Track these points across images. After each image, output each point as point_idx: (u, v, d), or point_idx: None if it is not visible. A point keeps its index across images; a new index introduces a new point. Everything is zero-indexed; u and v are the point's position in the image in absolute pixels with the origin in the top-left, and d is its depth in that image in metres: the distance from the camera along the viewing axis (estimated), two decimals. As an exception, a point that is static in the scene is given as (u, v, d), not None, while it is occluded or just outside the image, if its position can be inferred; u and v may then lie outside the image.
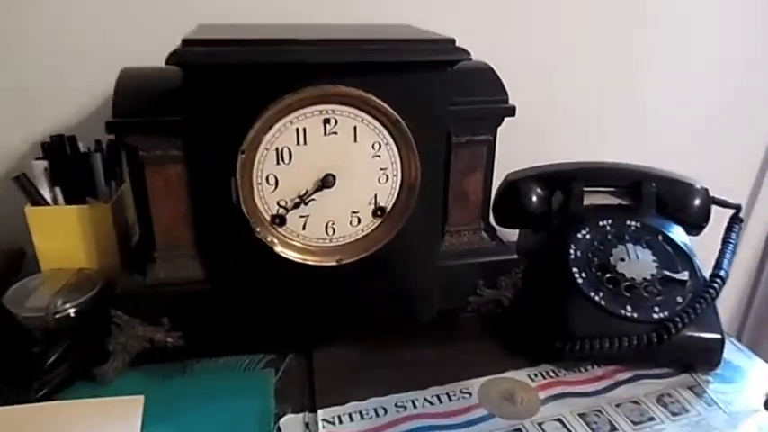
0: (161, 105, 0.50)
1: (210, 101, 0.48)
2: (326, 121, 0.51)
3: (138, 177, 0.52)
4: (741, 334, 1.19)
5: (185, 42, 0.46)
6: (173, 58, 0.45)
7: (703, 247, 0.63)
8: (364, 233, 0.56)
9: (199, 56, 0.46)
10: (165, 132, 0.50)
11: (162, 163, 0.51)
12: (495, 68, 0.59)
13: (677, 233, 0.62)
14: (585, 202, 0.65)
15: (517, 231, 0.75)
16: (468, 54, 0.50)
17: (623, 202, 0.66)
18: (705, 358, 0.55)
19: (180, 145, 0.51)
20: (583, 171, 0.66)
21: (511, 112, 0.56)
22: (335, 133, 0.51)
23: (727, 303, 1.15)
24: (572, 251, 0.60)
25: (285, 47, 0.48)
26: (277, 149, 0.50)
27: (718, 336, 0.55)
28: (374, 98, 0.50)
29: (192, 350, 0.56)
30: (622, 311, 0.55)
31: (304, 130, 0.50)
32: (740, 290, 1.16)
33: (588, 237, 0.61)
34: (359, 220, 0.55)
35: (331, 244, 0.55)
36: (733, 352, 0.59)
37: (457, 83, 0.54)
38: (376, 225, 0.56)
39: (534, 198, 0.66)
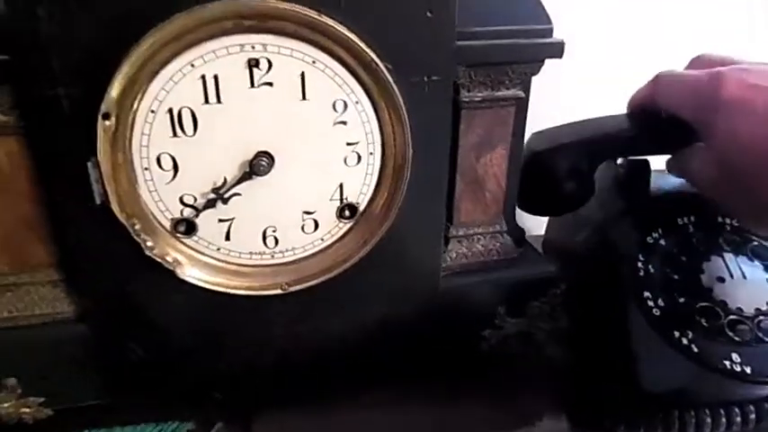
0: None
1: (48, 27, 0.27)
2: (253, 64, 0.30)
3: (-58, 159, 0.31)
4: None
5: None
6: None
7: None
8: (325, 244, 0.36)
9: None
10: (-21, 83, 0.29)
11: (-19, 135, 0.31)
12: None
13: (791, 235, 0.42)
14: (653, 188, 0.45)
15: (542, 226, 0.56)
16: (493, -55, 0.30)
17: (706, 189, 0.46)
18: None
19: (8, 104, 0.30)
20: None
21: (557, 50, 0.35)
22: (270, 84, 0.31)
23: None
24: (641, 264, 0.40)
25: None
26: (171, 112, 0.30)
27: None
28: (333, 23, 0.29)
29: (63, 424, 0.37)
30: (726, 363, 0.35)
31: (215, 78, 0.30)
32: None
33: (663, 242, 0.41)
34: (316, 225, 0.35)
35: (273, 262, 0.36)
36: None
37: (471, 3, 0.33)
38: (343, 232, 0.36)
39: (573, 176, 0.42)
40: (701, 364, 0.36)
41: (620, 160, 0.47)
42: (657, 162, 0.44)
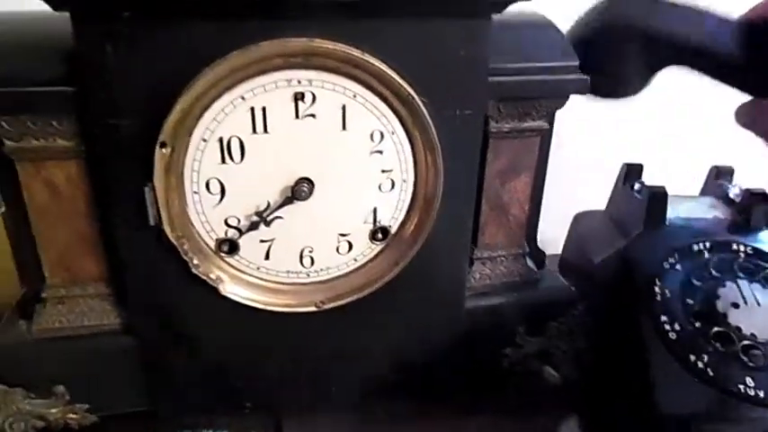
0: (39, 69, 0.31)
1: (115, 62, 0.30)
2: (299, 97, 0.32)
3: (7, 181, 0.33)
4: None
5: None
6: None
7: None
8: (358, 264, 0.38)
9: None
10: (45, 111, 0.32)
11: (44, 159, 0.33)
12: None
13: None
14: (669, 214, 0.47)
15: (558, 246, 0.57)
16: (526, -9, 0.32)
17: (720, 215, 0.47)
18: None
19: (71, 132, 0.32)
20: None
21: (582, 86, 0.37)
22: (313, 116, 0.33)
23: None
24: (657, 289, 0.41)
25: (229, -27, 0.29)
26: (221, 141, 0.32)
27: None
28: (374, 61, 0.32)
29: (107, 429, 0.39)
30: (741, 387, 0.37)
31: (263, 110, 0.32)
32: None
33: (679, 267, 0.42)
34: (350, 246, 0.37)
35: (308, 280, 0.38)
36: None
37: (502, 43, 0.35)
38: (375, 253, 0.38)
39: (635, 68, 0.34)
40: (715, 387, 0.37)
41: (637, 185, 0.49)
42: (674, 188, 0.46)
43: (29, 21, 0.33)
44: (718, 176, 0.51)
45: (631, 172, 0.50)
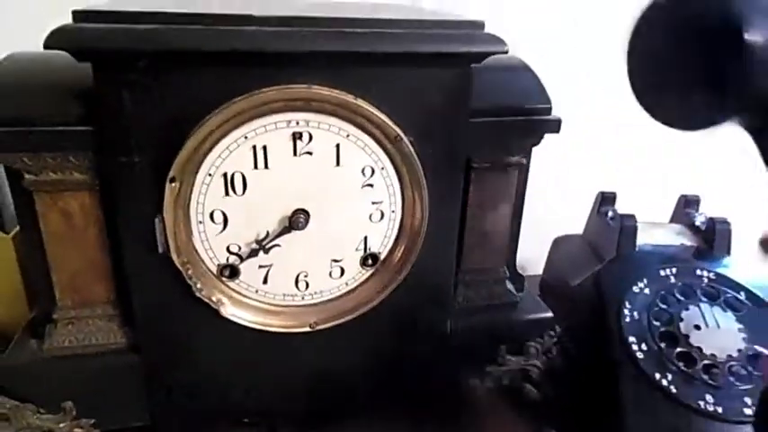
0: (59, 108, 0.34)
1: (130, 106, 0.33)
2: (297, 137, 0.35)
3: (25, 209, 0.36)
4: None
5: (79, 15, 0.31)
6: (55, 38, 0.29)
7: None
8: (349, 288, 0.41)
9: (98, 37, 0.30)
10: (63, 148, 0.34)
11: (61, 191, 0.36)
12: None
13: (764, 285, 0.47)
14: (639, 241, 0.50)
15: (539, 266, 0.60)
16: (503, 45, 0.35)
17: (687, 242, 0.51)
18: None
19: (87, 166, 0.35)
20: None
21: (555, 126, 0.41)
22: (310, 153, 0.36)
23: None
24: (627, 311, 0.44)
25: (235, 27, 0.33)
26: (225, 175, 0.35)
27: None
28: (366, 105, 0.35)
29: (110, 443, 0.41)
30: (701, 403, 0.40)
31: (264, 148, 0.35)
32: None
33: (647, 291, 0.46)
34: (342, 272, 0.40)
35: (303, 303, 0.40)
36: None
37: (482, 86, 0.38)
38: (365, 277, 0.41)
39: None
40: (678, 403, 0.40)
41: (610, 213, 0.52)
42: (644, 214, 0.50)
43: (50, 60, 0.36)
44: (687, 205, 0.55)
45: (606, 200, 0.54)
